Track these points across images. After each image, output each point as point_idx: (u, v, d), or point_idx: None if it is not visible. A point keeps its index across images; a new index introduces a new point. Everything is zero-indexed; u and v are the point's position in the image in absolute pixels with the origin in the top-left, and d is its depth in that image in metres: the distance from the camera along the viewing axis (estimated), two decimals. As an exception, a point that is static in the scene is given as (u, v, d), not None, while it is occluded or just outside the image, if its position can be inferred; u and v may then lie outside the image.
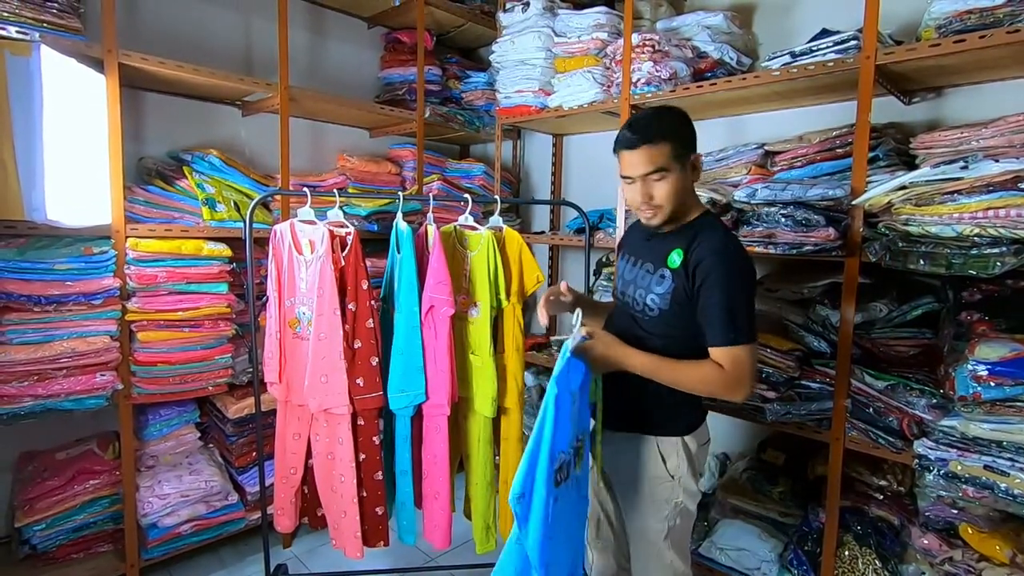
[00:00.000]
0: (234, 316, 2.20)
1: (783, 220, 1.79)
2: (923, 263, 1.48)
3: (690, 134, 1.32)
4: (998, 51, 1.49)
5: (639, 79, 2.14)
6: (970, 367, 1.37)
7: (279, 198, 2.30)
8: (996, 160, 1.44)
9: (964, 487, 1.39)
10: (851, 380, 1.72)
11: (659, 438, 1.39)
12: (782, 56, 1.87)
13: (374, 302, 1.88)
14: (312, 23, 2.82)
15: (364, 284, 1.84)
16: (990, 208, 1.35)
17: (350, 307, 1.83)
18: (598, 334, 1.27)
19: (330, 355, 1.80)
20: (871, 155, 1.70)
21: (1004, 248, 1.36)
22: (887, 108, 1.92)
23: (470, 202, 2.02)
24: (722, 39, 2.18)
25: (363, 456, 1.90)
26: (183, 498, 2.10)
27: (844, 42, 1.73)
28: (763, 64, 1.96)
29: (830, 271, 1.85)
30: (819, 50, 1.79)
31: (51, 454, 2.10)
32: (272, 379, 1.93)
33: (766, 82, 1.89)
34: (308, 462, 1.97)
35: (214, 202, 2.12)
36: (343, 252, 1.84)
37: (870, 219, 1.65)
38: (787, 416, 1.83)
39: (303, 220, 1.90)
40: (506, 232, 1.98)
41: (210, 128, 2.50)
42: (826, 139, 1.87)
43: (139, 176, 2.26)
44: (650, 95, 2.13)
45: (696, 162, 1.34)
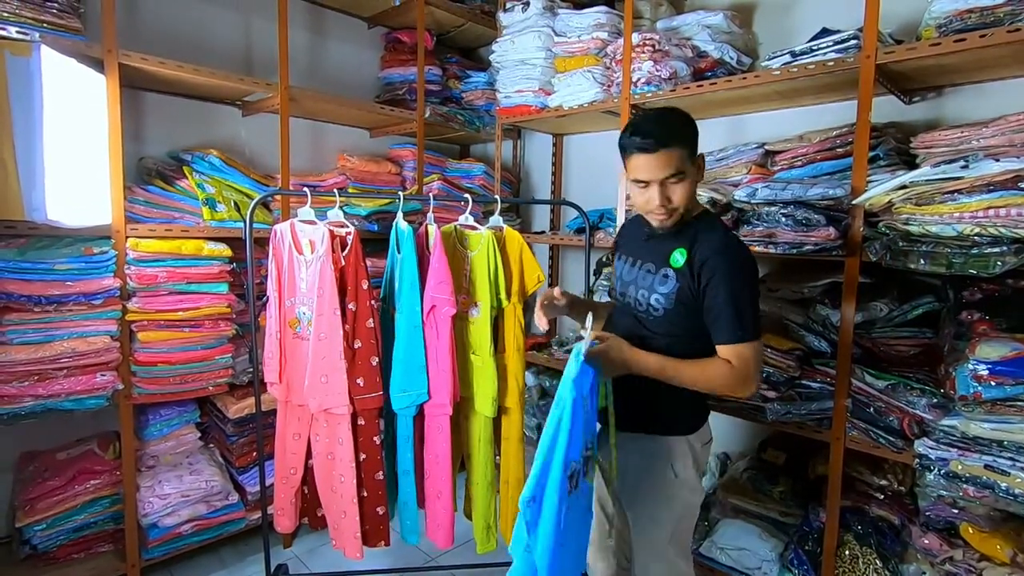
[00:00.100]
0: (234, 316, 2.20)
1: (783, 219, 1.79)
2: (923, 262, 1.48)
3: (696, 133, 1.33)
4: (998, 50, 1.49)
5: (639, 79, 2.14)
6: (971, 366, 1.36)
7: (279, 198, 2.30)
8: (996, 159, 1.44)
9: (965, 486, 1.39)
10: (851, 380, 1.72)
11: (665, 438, 1.39)
12: (782, 55, 1.87)
13: (374, 302, 1.88)
14: (312, 23, 2.82)
15: (364, 284, 1.84)
16: (991, 207, 1.35)
17: (350, 307, 1.83)
18: (609, 337, 1.25)
19: (330, 355, 1.80)
20: (871, 154, 1.70)
21: (1004, 247, 1.36)
22: (887, 107, 1.92)
23: (470, 202, 2.02)
24: (722, 38, 2.18)
25: (363, 456, 1.90)
26: (183, 498, 2.10)
27: (844, 41, 1.73)
28: (763, 63, 1.96)
29: (830, 271, 1.85)
30: (819, 49, 1.79)
31: (52, 454, 2.10)
32: (272, 379, 1.93)
33: (766, 81, 1.89)
34: (308, 462, 1.97)
35: (214, 202, 2.13)
36: (343, 252, 1.84)
37: (870, 218, 1.65)
38: (787, 416, 1.83)
39: (303, 220, 1.90)
40: (506, 232, 1.98)
41: (210, 128, 2.50)
42: (826, 138, 1.87)
43: (139, 176, 2.27)
44: (650, 95, 2.13)
45: (701, 162, 1.35)
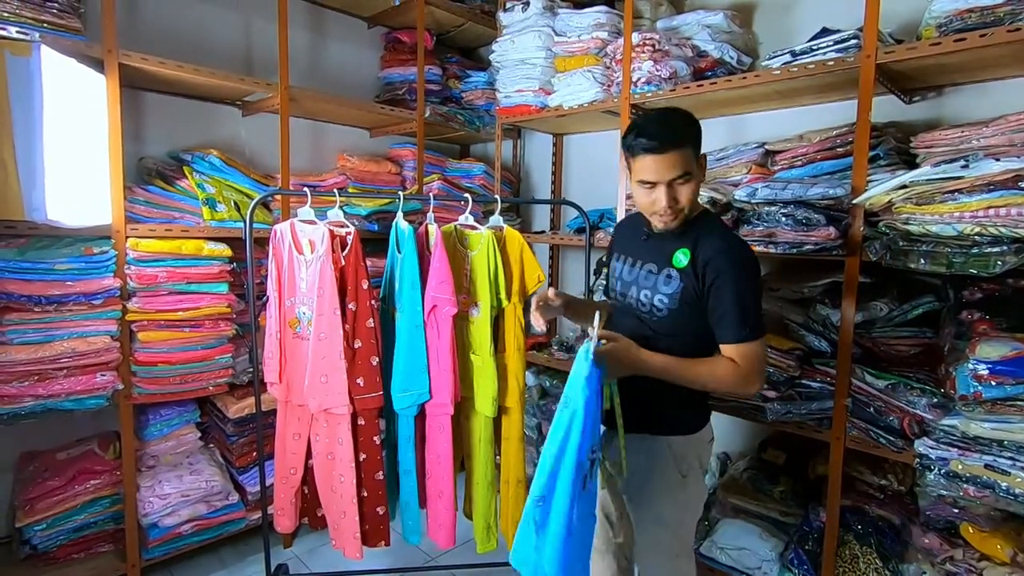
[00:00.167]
0: (234, 316, 2.20)
1: (783, 219, 1.79)
2: (924, 262, 1.48)
3: (701, 135, 1.33)
4: (999, 50, 1.49)
5: (639, 78, 2.14)
6: (971, 366, 1.36)
7: (279, 198, 2.30)
8: (997, 159, 1.44)
9: (965, 486, 1.39)
10: (852, 379, 1.71)
11: (669, 438, 1.39)
12: (782, 55, 1.87)
13: (374, 302, 1.88)
14: (312, 23, 2.82)
15: (364, 284, 1.84)
16: (991, 207, 1.35)
17: (350, 307, 1.83)
18: (617, 337, 1.24)
19: (330, 355, 1.80)
20: (871, 154, 1.70)
21: (1005, 247, 1.36)
22: (887, 107, 1.92)
23: (470, 202, 2.03)
24: (722, 38, 2.18)
25: (363, 456, 1.90)
26: (184, 498, 2.10)
27: (844, 41, 1.73)
28: (763, 63, 1.96)
29: (830, 270, 1.85)
30: (819, 49, 1.78)
31: (52, 454, 2.10)
32: (272, 379, 1.93)
33: (766, 81, 1.89)
34: (308, 462, 1.97)
35: (214, 202, 2.12)
36: (343, 252, 1.84)
37: (871, 218, 1.65)
38: (788, 415, 1.83)
39: (303, 220, 1.90)
40: (507, 232, 1.98)
41: (210, 128, 2.50)
42: (826, 138, 1.86)
43: (139, 176, 2.27)
44: (650, 94, 2.13)
45: (704, 162, 1.36)
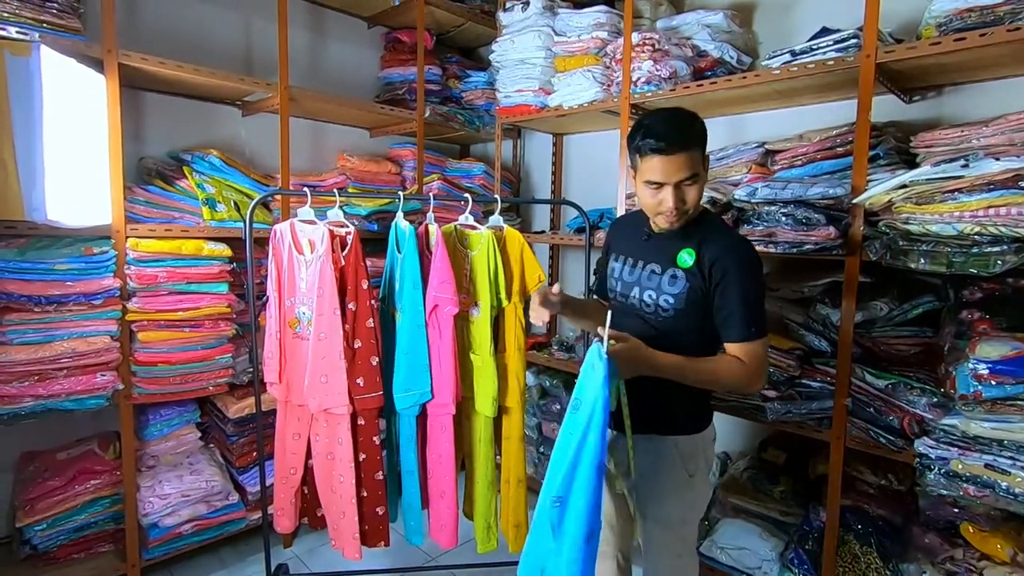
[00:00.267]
0: (234, 316, 2.20)
1: (783, 219, 1.79)
2: (924, 262, 1.48)
3: (707, 136, 1.33)
4: (999, 49, 1.49)
5: (639, 78, 2.14)
6: (971, 365, 1.36)
7: (279, 198, 2.30)
8: (997, 158, 1.44)
9: (965, 486, 1.39)
10: (852, 379, 1.71)
11: (676, 438, 1.39)
12: (782, 55, 1.87)
13: (374, 302, 1.88)
14: (312, 23, 2.82)
15: (364, 284, 1.84)
16: (991, 206, 1.35)
17: (350, 307, 1.83)
18: (628, 337, 1.22)
19: (330, 355, 1.80)
20: (871, 154, 1.70)
21: (1005, 246, 1.36)
22: (887, 106, 1.92)
23: (470, 201, 2.02)
24: (722, 38, 2.18)
25: (363, 456, 1.90)
26: (184, 498, 2.10)
27: (844, 40, 1.73)
28: (763, 63, 1.96)
29: (831, 270, 1.85)
30: (819, 49, 1.78)
31: (52, 454, 2.10)
32: (272, 379, 1.93)
33: (766, 81, 1.89)
34: (308, 462, 1.97)
35: (214, 202, 2.12)
36: (343, 252, 1.84)
37: (870, 218, 1.65)
38: (788, 415, 1.83)
39: (303, 220, 1.90)
40: (507, 232, 1.98)
41: (210, 128, 2.50)
42: (826, 138, 1.86)
43: (139, 176, 2.27)
44: (650, 94, 2.13)
45: (707, 163, 1.36)
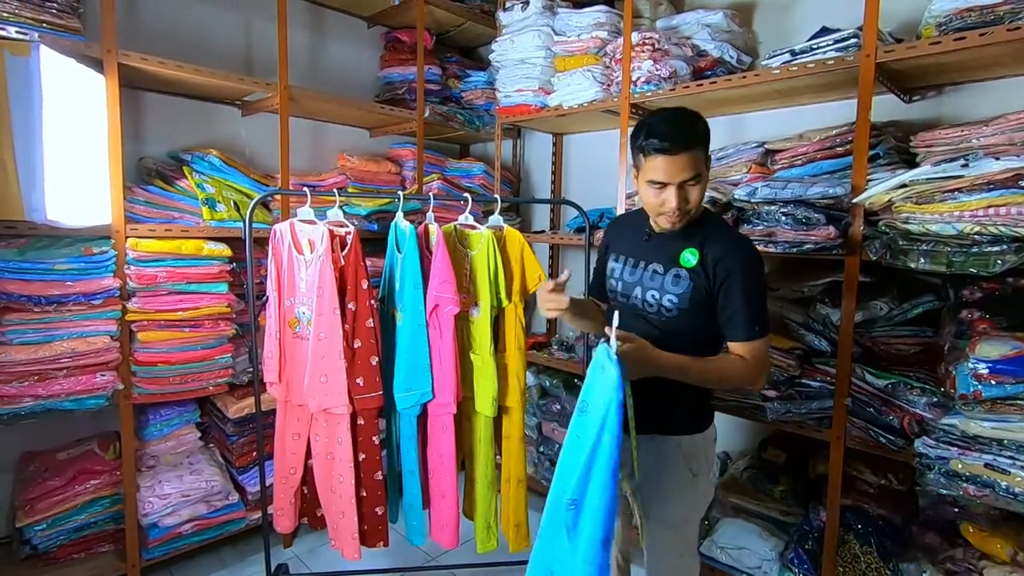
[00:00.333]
0: (234, 316, 2.20)
1: (783, 218, 1.79)
2: (923, 261, 1.48)
3: (710, 136, 1.33)
4: (999, 49, 1.49)
5: (639, 78, 2.14)
6: (971, 365, 1.36)
7: (279, 198, 2.30)
8: (997, 158, 1.44)
9: (965, 485, 1.38)
10: (852, 378, 1.71)
11: (679, 437, 1.39)
12: (782, 54, 1.87)
13: (374, 302, 1.88)
14: (312, 23, 2.82)
15: (364, 284, 1.84)
16: (991, 206, 1.35)
17: (350, 307, 1.83)
18: (634, 338, 1.21)
19: (330, 355, 1.80)
20: (871, 153, 1.70)
21: (1005, 246, 1.36)
22: (887, 106, 1.92)
23: (470, 201, 2.02)
24: (722, 37, 2.17)
25: (363, 456, 1.90)
26: (184, 498, 2.10)
27: (844, 40, 1.73)
28: (763, 62, 1.96)
29: (830, 269, 1.85)
30: (819, 48, 1.78)
31: (52, 454, 2.10)
32: (272, 379, 1.93)
33: (766, 80, 1.89)
34: (308, 462, 1.97)
35: (214, 202, 2.12)
36: (343, 252, 1.84)
37: (870, 217, 1.65)
38: (788, 415, 1.83)
39: (303, 220, 1.90)
40: (507, 231, 1.98)
41: (210, 128, 2.50)
42: (826, 137, 1.86)
43: (139, 176, 2.26)
44: (650, 94, 2.13)
45: (709, 163, 1.36)
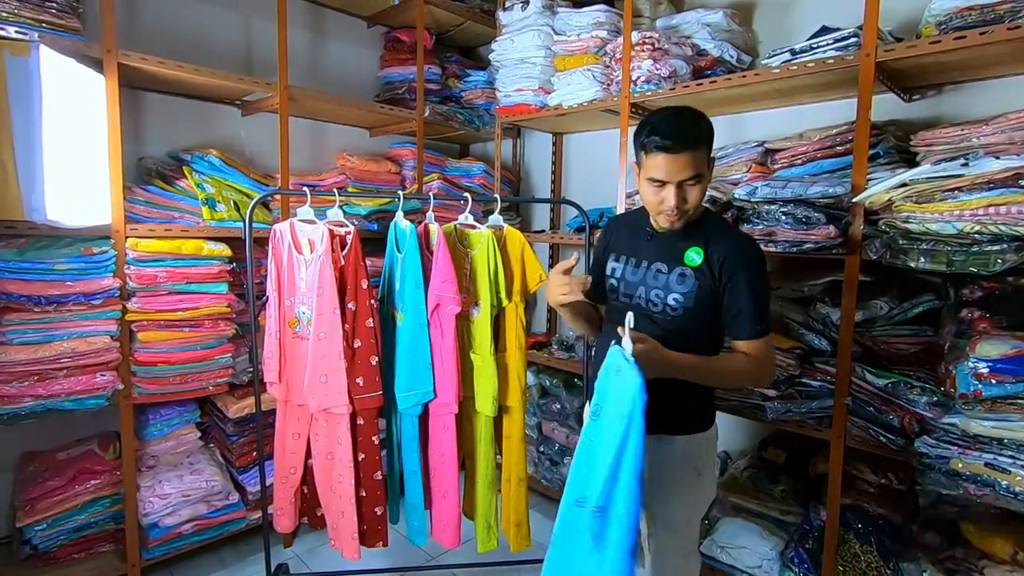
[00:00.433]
0: (234, 316, 2.20)
1: (783, 218, 1.79)
2: (924, 260, 1.48)
3: (713, 137, 1.33)
4: (999, 48, 1.49)
5: (639, 77, 2.14)
6: (971, 364, 1.36)
7: (279, 197, 2.30)
8: (997, 157, 1.44)
9: (965, 485, 1.38)
10: (852, 378, 1.71)
11: (682, 437, 1.39)
12: (782, 53, 1.87)
13: (373, 301, 1.88)
14: (312, 22, 2.82)
15: (364, 283, 1.84)
16: (991, 205, 1.35)
17: (350, 306, 1.83)
18: (646, 339, 1.19)
19: (330, 355, 1.80)
20: (871, 152, 1.70)
21: (1005, 245, 1.36)
22: (887, 105, 1.92)
23: (470, 201, 2.02)
24: (722, 37, 2.17)
25: (362, 456, 1.90)
26: (184, 498, 2.10)
27: (844, 39, 1.73)
28: (763, 62, 1.96)
29: (830, 269, 1.85)
30: (819, 47, 1.78)
31: (52, 454, 2.10)
32: (272, 379, 1.93)
33: (766, 80, 1.88)
34: (308, 462, 1.97)
35: (214, 202, 2.12)
36: (343, 251, 1.84)
37: (870, 217, 1.65)
38: (788, 414, 1.83)
39: (303, 219, 1.90)
40: (508, 231, 1.98)
41: (210, 128, 2.50)
42: (826, 136, 1.86)
43: (139, 176, 2.26)
44: (650, 93, 2.13)
45: (712, 164, 1.35)
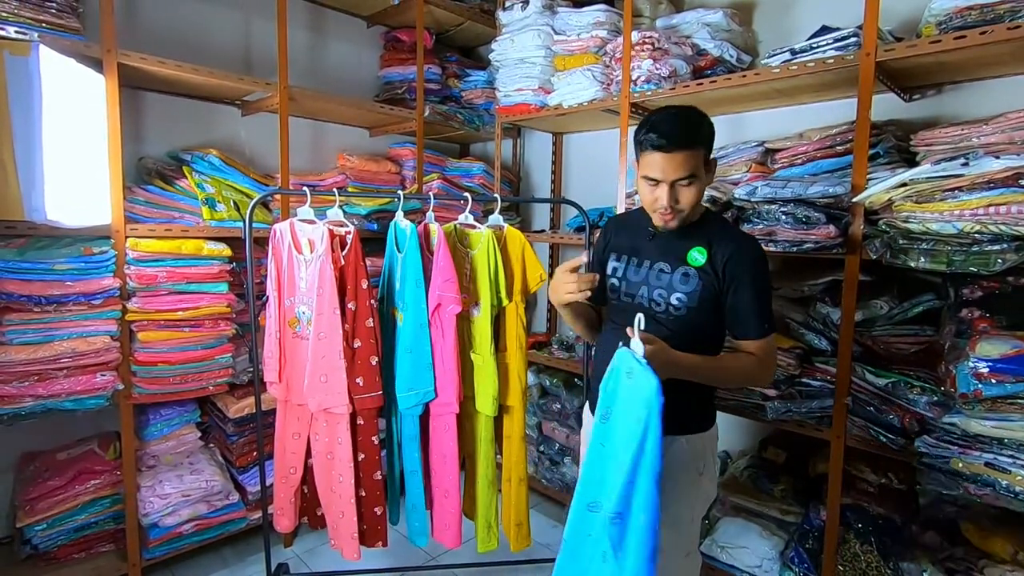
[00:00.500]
0: (234, 316, 2.20)
1: (783, 218, 1.79)
2: (924, 260, 1.48)
3: (713, 138, 1.32)
4: (999, 47, 1.49)
5: (639, 77, 2.14)
6: (971, 364, 1.36)
7: (279, 197, 2.30)
8: (997, 157, 1.44)
9: (965, 484, 1.39)
10: (852, 377, 1.71)
11: (685, 437, 1.39)
12: (782, 53, 1.87)
13: (373, 301, 1.88)
14: (311, 22, 2.82)
15: (364, 283, 1.84)
16: (991, 205, 1.35)
17: (350, 306, 1.83)
18: (654, 340, 1.18)
19: (330, 354, 1.80)
20: (871, 152, 1.70)
21: (1005, 245, 1.36)
22: (887, 105, 1.92)
23: (470, 201, 2.02)
24: (722, 36, 2.17)
25: (362, 456, 1.90)
26: (184, 498, 2.10)
27: (844, 39, 1.73)
28: (763, 61, 1.96)
29: (831, 268, 1.85)
30: (819, 47, 1.78)
31: (52, 454, 2.10)
32: (272, 378, 1.93)
33: (766, 79, 1.88)
34: (308, 462, 1.97)
35: (214, 202, 2.12)
36: (343, 251, 1.84)
37: (871, 216, 1.65)
38: (788, 414, 1.83)
39: (303, 219, 1.90)
40: (508, 231, 1.98)
41: (210, 128, 2.50)
42: (826, 136, 1.86)
43: (139, 176, 2.26)
44: (650, 93, 2.13)
45: (713, 166, 1.34)
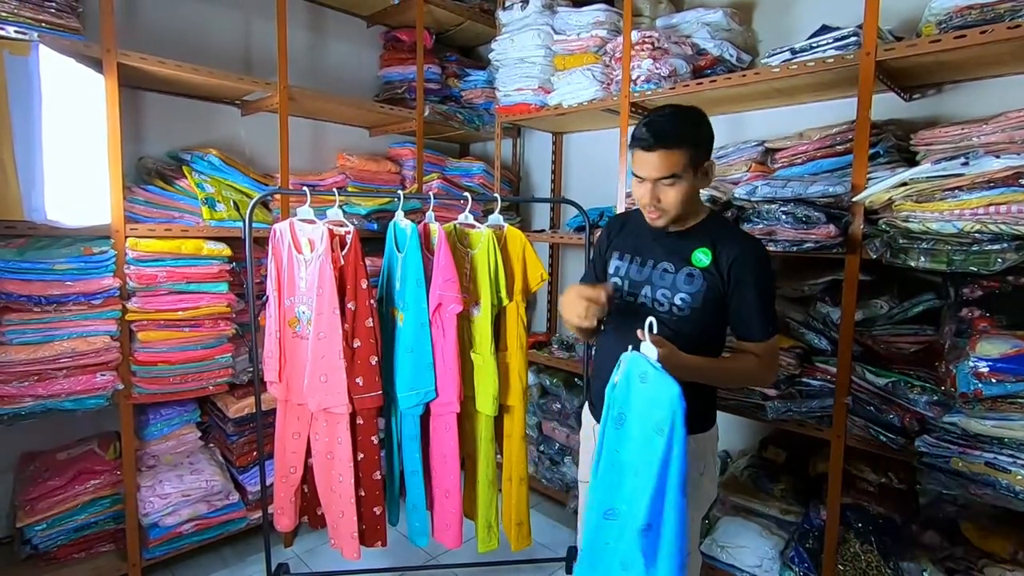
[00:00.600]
0: (234, 315, 2.20)
1: (783, 217, 1.79)
2: (924, 260, 1.48)
3: (708, 139, 1.32)
4: (999, 47, 1.49)
5: (639, 76, 2.14)
6: (971, 364, 1.36)
7: (279, 197, 2.30)
8: (997, 156, 1.44)
9: (965, 484, 1.39)
10: (852, 377, 1.71)
11: (689, 436, 1.39)
12: (782, 53, 1.87)
13: (373, 301, 1.88)
14: (311, 22, 2.82)
15: (364, 283, 1.84)
16: (991, 204, 1.35)
17: (349, 306, 1.83)
18: (663, 342, 1.17)
19: (329, 354, 1.80)
20: (871, 152, 1.70)
21: (1005, 244, 1.36)
22: (887, 104, 1.92)
23: (470, 200, 2.02)
24: (722, 36, 2.17)
25: (362, 456, 1.90)
26: (184, 497, 2.10)
27: (844, 38, 1.73)
28: (763, 61, 1.96)
29: (831, 268, 1.85)
30: (819, 47, 1.78)
31: (52, 454, 2.10)
32: (272, 378, 1.93)
33: (766, 79, 1.88)
34: (308, 461, 1.97)
35: (214, 202, 2.12)
36: (343, 251, 1.84)
37: (871, 216, 1.65)
38: (788, 413, 1.83)
39: (303, 219, 1.90)
40: (509, 230, 1.98)
41: (210, 128, 2.50)
42: (826, 136, 1.86)
43: (139, 176, 2.26)
44: (650, 92, 2.13)
45: (709, 169, 1.34)
